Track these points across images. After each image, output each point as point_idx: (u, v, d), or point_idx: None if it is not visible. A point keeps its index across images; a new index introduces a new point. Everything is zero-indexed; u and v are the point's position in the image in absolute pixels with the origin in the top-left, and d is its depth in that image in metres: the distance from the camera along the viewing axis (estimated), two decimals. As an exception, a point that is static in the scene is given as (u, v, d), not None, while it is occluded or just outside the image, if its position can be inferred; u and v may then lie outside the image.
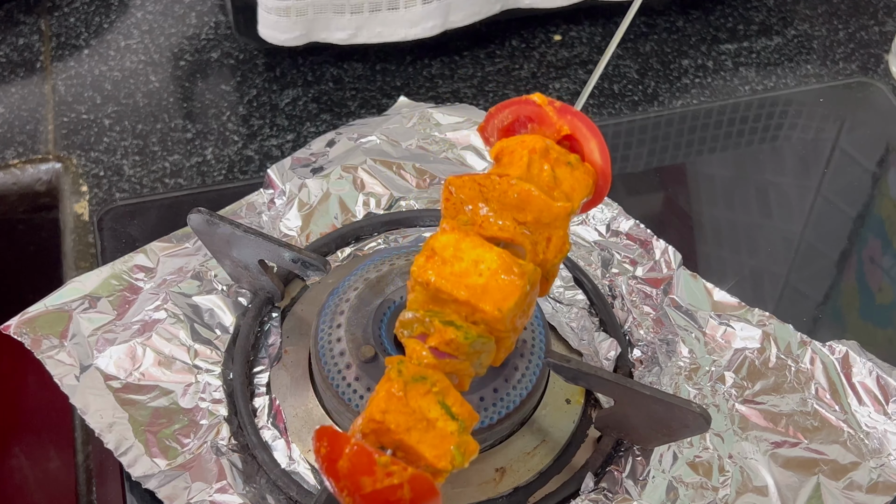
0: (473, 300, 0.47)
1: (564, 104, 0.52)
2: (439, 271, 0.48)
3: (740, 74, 0.88)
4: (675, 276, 0.67)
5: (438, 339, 0.47)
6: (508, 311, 0.47)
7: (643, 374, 0.62)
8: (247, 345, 0.62)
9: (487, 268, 0.47)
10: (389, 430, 0.45)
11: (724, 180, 0.82)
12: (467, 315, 0.48)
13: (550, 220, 0.50)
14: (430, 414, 0.46)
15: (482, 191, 0.50)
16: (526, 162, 0.50)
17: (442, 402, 0.46)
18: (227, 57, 0.87)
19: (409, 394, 0.46)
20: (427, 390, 0.46)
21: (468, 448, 0.46)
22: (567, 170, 0.51)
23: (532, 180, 0.50)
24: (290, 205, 0.69)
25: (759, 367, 0.63)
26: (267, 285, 0.63)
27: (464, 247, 0.48)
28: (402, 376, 0.46)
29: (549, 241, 0.50)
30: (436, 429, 0.45)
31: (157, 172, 0.77)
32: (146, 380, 0.59)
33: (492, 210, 0.50)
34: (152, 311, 0.62)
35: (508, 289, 0.47)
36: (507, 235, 0.50)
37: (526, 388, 0.57)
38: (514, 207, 0.50)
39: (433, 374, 0.47)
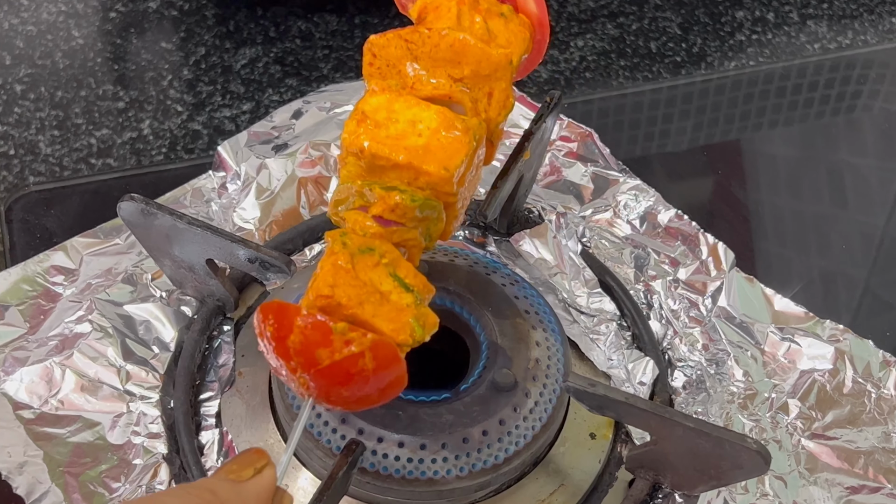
0: (416, 162, 0.51)
1: None
2: (373, 135, 0.51)
3: (808, 29, 0.89)
4: (726, 279, 0.67)
5: (382, 206, 0.51)
6: (455, 168, 0.51)
7: (686, 401, 0.62)
8: (192, 365, 0.61)
9: (427, 127, 0.51)
10: (340, 305, 0.48)
11: (788, 161, 0.82)
12: (410, 180, 0.51)
13: (490, 70, 0.53)
14: (382, 286, 0.49)
15: (410, 48, 0.53)
16: (455, 14, 0.54)
17: (394, 274, 0.50)
18: (168, 6, 0.87)
19: (357, 266, 0.49)
20: (376, 262, 0.50)
21: (427, 320, 0.50)
22: (501, 21, 0.55)
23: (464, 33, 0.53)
24: (247, 191, 0.69)
25: (831, 393, 0.63)
26: (217, 291, 0.63)
27: (397, 107, 0.52)
28: (347, 248, 0.50)
29: (490, 96, 0.54)
30: (390, 302, 0.49)
31: (81, 151, 0.77)
32: (66, 409, 0.59)
33: (423, 68, 0.53)
34: (74, 324, 0.62)
35: (453, 146, 0.51)
36: (442, 93, 0.53)
37: (540, 418, 0.57)
38: (447, 62, 0.53)
39: (381, 244, 0.50)
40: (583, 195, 0.72)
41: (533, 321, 0.60)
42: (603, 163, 0.73)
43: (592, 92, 0.85)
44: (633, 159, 0.74)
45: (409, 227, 0.52)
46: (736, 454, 0.52)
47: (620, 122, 0.83)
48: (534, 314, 0.60)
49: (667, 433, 0.54)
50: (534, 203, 0.70)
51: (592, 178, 0.72)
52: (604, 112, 0.83)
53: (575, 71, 0.85)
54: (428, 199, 0.51)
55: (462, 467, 0.54)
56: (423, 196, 0.51)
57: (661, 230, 0.70)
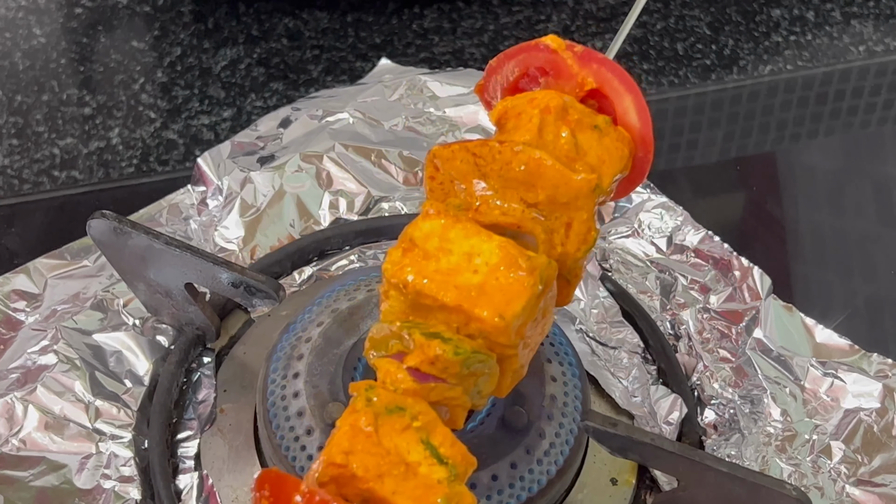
0: (467, 305, 0.47)
1: (589, 49, 0.53)
2: (420, 268, 0.48)
3: (853, 30, 0.89)
4: (762, 308, 0.67)
5: (420, 356, 0.47)
6: (513, 317, 0.47)
7: (718, 443, 0.63)
8: (168, 401, 0.62)
9: (485, 262, 0.48)
10: (355, 477, 0.45)
11: (830, 175, 0.83)
12: (459, 326, 0.48)
13: (569, 198, 0.50)
14: (409, 457, 0.46)
15: (478, 163, 0.50)
16: (536, 124, 0.51)
17: (426, 442, 0.46)
18: (140, 2, 0.87)
19: (381, 429, 0.46)
20: (406, 425, 0.46)
21: (462, 501, 0.46)
22: (593, 135, 0.52)
23: (545, 148, 0.50)
24: (230, 207, 0.70)
25: (878, 434, 0.63)
26: (196, 318, 0.63)
27: (453, 236, 0.49)
28: (371, 406, 0.46)
29: (568, 227, 0.51)
30: (417, 476, 0.45)
31: (43, 162, 0.78)
32: (28, 449, 0.59)
33: (491, 188, 0.50)
34: (37, 355, 0.62)
35: (513, 288, 0.47)
36: (511, 221, 0.50)
37: (556, 462, 0.57)
38: (520, 183, 0.50)
39: (414, 403, 0.47)
40: (603, 214, 0.72)
41: (548, 353, 0.60)
42: (625, 178, 0.74)
43: (612, 98, 0.85)
44: (656, 173, 0.74)
45: (452, 385, 0.48)
46: (774, 502, 0.53)
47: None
48: (549, 345, 0.60)
49: (696, 478, 0.55)
50: (548, 222, 0.70)
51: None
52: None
53: (593, 75, 0.86)
54: (476, 352, 0.48)
55: (469, 516, 0.55)
56: (471, 348, 0.48)
57: (690, 253, 0.70)
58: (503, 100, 0.53)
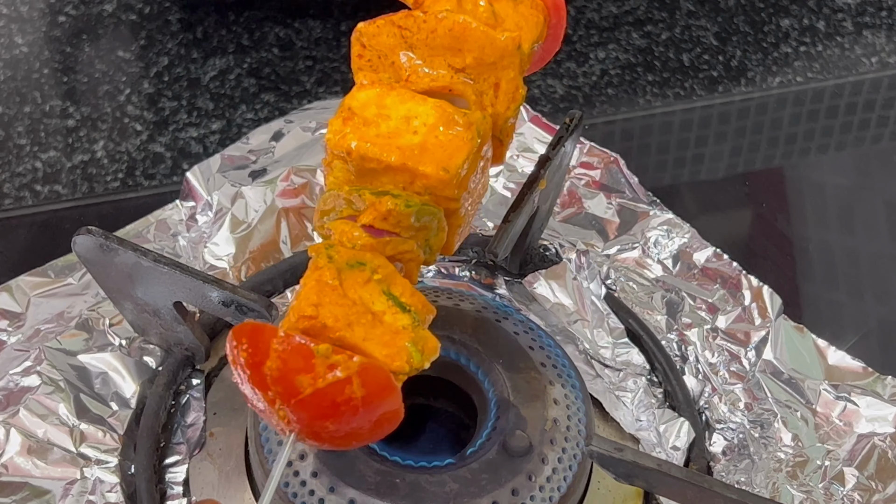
0: (411, 163, 0.51)
1: None
2: (362, 134, 0.51)
3: (864, 41, 0.89)
4: (772, 329, 0.68)
5: (373, 213, 0.51)
6: (456, 168, 0.51)
7: (727, 469, 0.63)
8: (156, 424, 0.62)
9: (423, 123, 0.52)
10: (325, 327, 0.48)
11: (841, 191, 0.83)
12: (405, 184, 0.51)
13: (495, 57, 0.53)
14: (374, 306, 0.49)
15: (404, 35, 0.53)
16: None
17: (387, 292, 0.50)
18: (125, 10, 0.87)
19: (345, 283, 0.49)
20: (367, 278, 0.50)
21: (427, 344, 0.50)
22: (509, 4, 0.55)
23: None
24: (220, 223, 0.70)
25: (893, 460, 0.63)
26: (185, 339, 0.63)
27: (389, 102, 0.52)
28: (333, 262, 0.50)
29: (496, 87, 0.54)
30: (383, 324, 0.49)
31: (25, 176, 0.78)
32: (10, 475, 0.59)
33: (420, 57, 0.54)
34: (20, 376, 0.62)
35: (453, 143, 0.51)
36: (442, 85, 0.53)
37: (558, 488, 0.57)
38: (447, 49, 0.53)
39: (373, 258, 0.50)
40: (607, 231, 0.72)
41: (550, 375, 0.60)
42: (630, 193, 0.74)
43: (615, 111, 0.85)
44: (661, 188, 0.75)
45: (405, 238, 0.52)
46: (785, 530, 0.53)
47: (647, 145, 0.84)
48: (551, 367, 0.61)
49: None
50: (550, 239, 0.71)
51: (618, 211, 0.73)
52: (628, 134, 0.84)
53: (595, 87, 0.86)
54: (426, 205, 0.52)
55: (469, 544, 0.55)
56: (420, 201, 0.51)
57: (698, 271, 0.71)
58: None
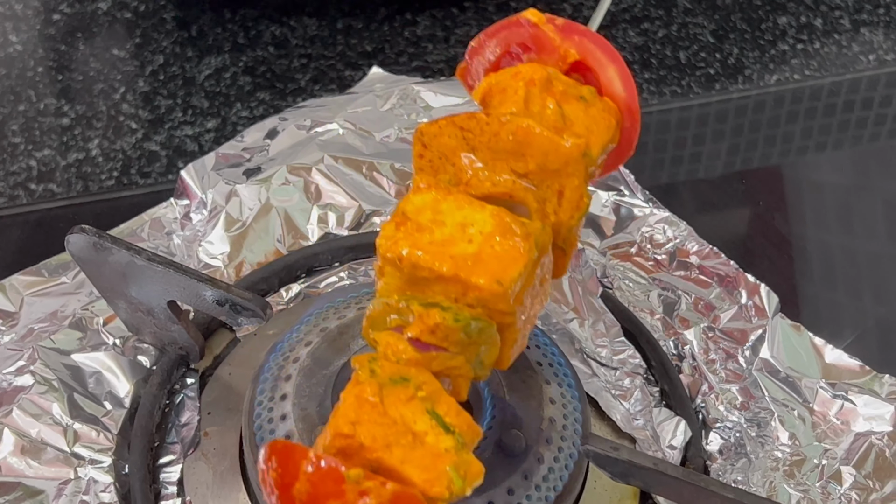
0: (464, 274, 0.48)
1: (569, 21, 0.54)
2: (415, 241, 0.49)
3: (862, 38, 0.89)
4: (769, 327, 0.68)
5: (420, 326, 0.49)
6: (511, 282, 0.48)
7: (724, 468, 0.63)
8: (150, 424, 0.62)
9: (479, 231, 0.49)
10: (363, 447, 0.46)
11: (838, 190, 0.83)
12: (458, 296, 0.49)
13: (559, 165, 0.51)
14: (416, 426, 0.47)
15: (466, 137, 0.51)
16: (522, 97, 0.52)
17: (431, 411, 0.47)
18: (120, 8, 0.87)
19: (386, 399, 0.47)
20: (410, 395, 0.47)
21: (470, 469, 0.47)
22: (579, 106, 0.53)
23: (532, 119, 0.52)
24: (214, 222, 0.70)
25: (891, 459, 0.63)
26: (179, 338, 0.63)
27: (445, 208, 0.50)
28: (375, 377, 0.47)
29: (560, 195, 0.52)
30: (424, 445, 0.46)
31: (19, 175, 0.78)
32: (3, 475, 0.59)
33: (481, 160, 0.52)
34: (13, 376, 0.62)
35: (510, 255, 0.49)
36: (503, 191, 0.51)
37: (554, 488, 0.57)
38: (510, 154, 0.51)
39: (417, 374, 0.48)
40: (603, 228, 0.72)
41: (546, 374, 0.60)
42: (626, 191, 0.74)
43: (612, 109, 0.85)
44: (658, 187, 0.75)
45: (454, 353, 0.49)
46: (782, 529, 0.53)
47: (644, 143, 0.84)
48: (547, 366, 0.61)
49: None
50: (546, 238, 0.71)
51: (614, 209, 0.73)
52: (625, 132, 0.84)
53: (592, 85, 0.86)
54: (477, 319, 0.49)
55: (464, 544, 0.55)
56: (471, 315, 0.49)
57: (694, 269, 0.71)
58: (486, 77, 0.54)
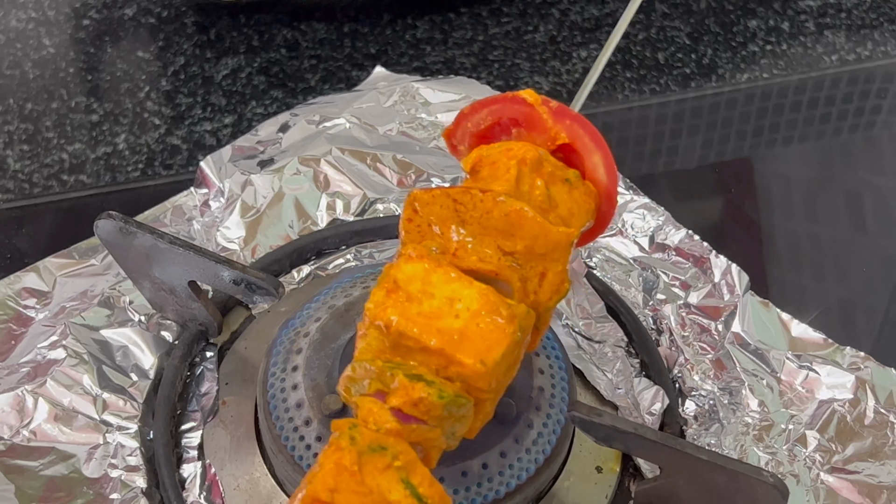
0: (449, 349, 0.47)
1: (563, 105, 0.53)
2: (404, 310, 0.47)
3: (826, 40, 0.89)
4: (740, 304, 0.68)
5: (403, 397, 0.47)
6: (494, 364, 0.47)
7: (699, 433, 0.63)
8: (172, 394, 0.62)
9: (466, 307, 0.48)
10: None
11: (804, 181, 0.83)
12: (439, 368, 0.48)
13: (547, 250, 0.50)
14: (391, 496, 0.45)
15: (458, 209, 0.50)
16: (514, 175, 0.51)
17: (406, 481, 0.46)
18: (145, 14, 0.87)
19: (364, 468, 0.45)
20: (387, 464, 0.46)
21: None
22: (564, 188, 0.52)
23: (521, 199, 0.50)
24: (231, 208, 0.70)
25: (851, 424, 0.63)
26: (199, 315, 0.63)
27: (435, 280, 0.48)
28: (355, 445, 0.46)
29: (542, 277, 0.51)
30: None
31: (53, 167, 0.78)
32: (38, 440, 0.59)
33: (470, 234, 0.50)
34: (47, 350, 0.62)
35: (494, 336, 0.47)
36: (489, 268, 0.50)
37: (543, 451, 0.57)
38: (499, 232, 0.50)
39: (395, 443, 0.46)
40: (587, 214, 0.72)
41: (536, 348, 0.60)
42: (609, 180, 0.74)
43: (596, 105, 0.85)
44: (638, 177, 0.75)
45: (432, 427, 0.47)
46: (751, 489, 0.53)
47: (626, 137, 0.84)
48: (537, 340, 0.61)
49: (678, 466, 0.55)
50: (536, 223, 0.71)
51: (598, 197, 0.73)
52: (608, 127, 0.84)
53: (578, 83, 0.86)
54: (459, 396, 0.47)
55: (461, 502, 0.55)
56: (453, 390, 0.47)
57: (671, 251, 0.70)
58: (478, 148, 0.53)
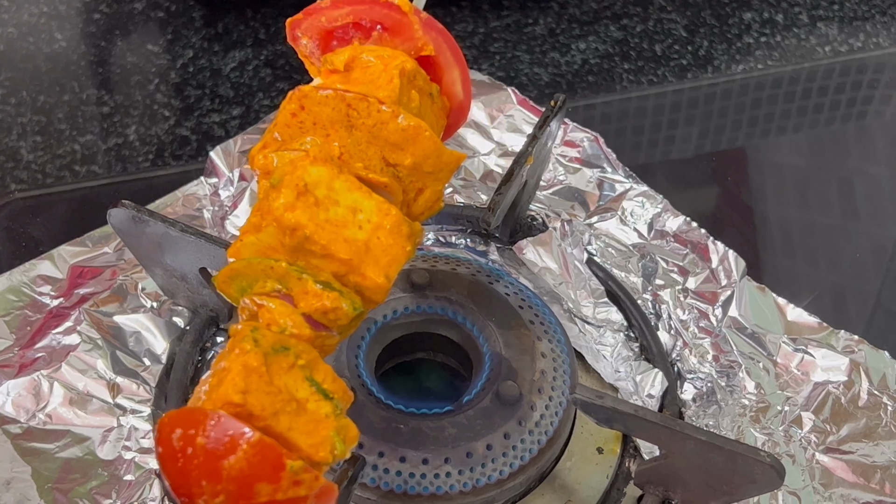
0: (356, 261, 0.46)
1: (431, 17, 0.52)
2: (313, 216, 0.46)
3: (819, 31, 0.89)
4: (736, 289, 0.68)
5: (315, 304, 0.46)
6: (393, 277, 0.47)
7: (697, 414, 0.63)
8: (184, 378, 0.62)
9: (367, 219, 0.47)
10: (252, 416, 0.43)
11: (797, 169, 0.83)
12: (338, 274, 0.47)
13: (435, 169, 0.49)
14: (298, 393, 0.44)
15: (350, 115, 0.48)
16: (397, 86, 0.49)
17: (310, 378, 0.45)
18: (154, 8, 0.87)
19: (270, 368, 0.44)
20: (291, 364, 0.44)
21: (348, 433, 0.45)
22: (427, 102, 0.51)
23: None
24: (240, 197, 0.70)
25: (846, 405, 0.63)
26: (210, 301, 0.63)
27: (338, 187, 0.47)
28: (259, 346, 0.44)
29: (419, 192, 0.50)
30: (307, 412, 0.44)
31: (65, 157, 0.78)
32: (54, 423, 0.59)
33: (356, 141, 0.48)
34: (62, 335, 0.62)
35: (394, 251, 0.47)
36: (376, 178, 0.48)
37: (545, 432, 0.57)
38: (389, 144, 0.49)
39: (297, 343, 0.45)
40: (588, 202, 0.72)
41: (538, 332, 0.60)
42: (609, 168, 0.74)
43: (595, 96, 0.85)
44: (636, 166, 0.75)
45: (335, 334, 0.47)
46: (749, 468, 0.53)
47: (624, 127, 0.84)
48: (539, 324, 0.61)
49: (677, 447, 0.55)
50: (537, 210, 0.71)
51: (598, 184, 0.73)
52: (607, 117, 0.84)
53: (577, 74, 0.86)
54: (361, 309, 0.47)
55: (466, 483, 0.55)
56: (360, 303, 0.47)
57: (670, 237, 0.70)
58: (352, 46, 0.51)
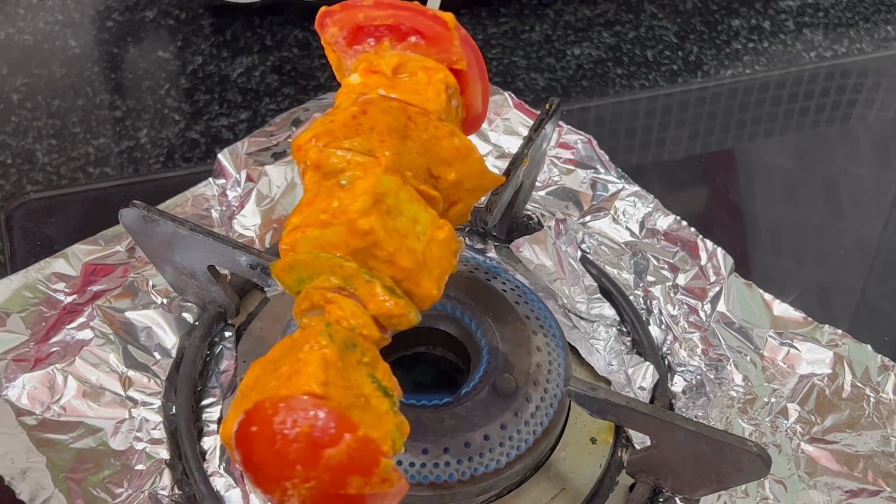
0: (416, 270, 0.46)
1: (467, 34, 0.53)
2: (384, 223, 0.46)
3: (804, 37, 0.89)
4: (724, 285, 0.68)
5: (383, 309, 0.46)
6: (442, 291, 0.47)
7: (687, 405, 0.63)
8: (193, 371, 0.62)
9: (423, 231, 0.47)
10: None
11: (784, 170, 0.83)
12: (394, 280, 0.47)
13: (474, 187, 0.50)
14: (364, 389, 0.44)
15: (408, 126, 0.49)
16: (445, 100, 0.50)
17: (372, 375, 0.45)
18: (164, 16, 0.87)
19: (345, 363, 0.44)
20: (358, 360, 0.45)
21: (404, 429, 0.45)
22: (454, 113, 0.52)
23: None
24: (247, 198, 0.70)
25: (830, 397, 0.64)
26: (218, 297, 0.63)
27: (403, 197, 0.47)
28: (334, 342, 0.44)
29: (452, 204, 0.50)
30: (371, 407, 0.44)
31: (79, 160, 0.78)
32: (68, 415, 0.60)
33: (407, 151, 0.48)
34: (75, 331, 0.63)
35: (444, 264, 0.47)
36: (427, 190, 0.48)
37: (541, 423, 0.58)
38: (437, 158, 0.49)
39: (363, 340, 0.46)
40: (582, 202, 0.72)
41: (533, 326, 0.60)
42: (602, 169, 0.74)
43: (589, 100, 0.85)
44: (629, 168, 0.75)
45: (388, 337, 0.47)
46: (736, 458, 0.53)
47: (617, 130, 0.84)
48: (534, 319, 0.61)
49: (667, 437, 0.55)
50: (533, 209, 0.71)
51: (591, 185, 0.73)
52: (600, 120, 0.84)
53: (572, 79, 0.86)
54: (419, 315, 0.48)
55: (464, 472, 0.55)
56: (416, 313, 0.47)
57: (661, 236, 0.71)
58: (400, 54, 0.51)
